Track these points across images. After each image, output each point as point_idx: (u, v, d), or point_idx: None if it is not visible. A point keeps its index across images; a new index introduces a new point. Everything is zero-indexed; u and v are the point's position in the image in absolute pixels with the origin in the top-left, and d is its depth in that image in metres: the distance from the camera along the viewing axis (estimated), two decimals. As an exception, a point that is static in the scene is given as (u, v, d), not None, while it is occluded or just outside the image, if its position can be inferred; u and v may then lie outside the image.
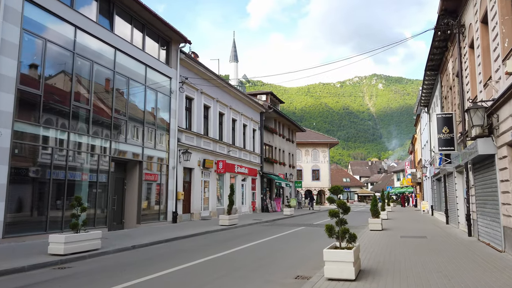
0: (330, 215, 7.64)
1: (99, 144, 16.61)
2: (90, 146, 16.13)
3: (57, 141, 14.48)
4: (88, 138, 15.96)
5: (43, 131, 13.90)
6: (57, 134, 14.49)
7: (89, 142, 16.04)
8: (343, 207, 7.55)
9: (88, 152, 16.03)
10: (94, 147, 16.33)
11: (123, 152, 18.09)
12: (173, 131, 21.97)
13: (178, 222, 21.71)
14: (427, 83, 23.90)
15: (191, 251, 11.78)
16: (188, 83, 23.80)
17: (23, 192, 13.34)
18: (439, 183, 26.52)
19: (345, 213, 7.62)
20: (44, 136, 13.99)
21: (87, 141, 15.96)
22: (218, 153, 27.61)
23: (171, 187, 21.50)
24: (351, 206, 51.96)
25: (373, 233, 16.20)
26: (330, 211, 7.66)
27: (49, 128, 14.17)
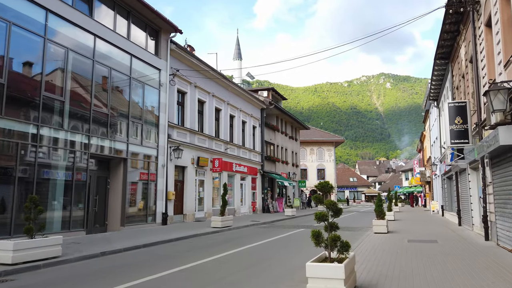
0: (316, 219, 6.08)
1: (77, 139, 15.15)
2: (66, 142, 14.65)
3: (26, 135, 13.03)
4: (63, 132, 14.49)
5: (6, 124, 12.44)
6: (25, 128, 13.04)
7: (64, 137, 14.57)
8: (333, 208, 5.98)
9: (63, 148, 14.56)
10: (70, 142, 14.84)
11: (105, 149, 16.62)
12: (163, 126, 20.48)
13: (168, 224, 20.22)
14: (437, 74, 22.18)
15: (167, 259, 10.26)
16: (180, 76, 22.31)
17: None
18: (450, 181, 24.80)
19: (336, 215, 6.06)
20: (9, 130, 12.54)
21: (62, 136, 14.50)
22: (214, 150, 26.10)
23: (160, 187, 20.01)
24: (358, 206, 50.65)
25: (377, 236, 14.57)
26: (316, 213, 6.10)
27: (15, 121, 12.71)
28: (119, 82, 17.79)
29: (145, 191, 19.20)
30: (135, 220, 18.44)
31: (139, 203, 18.89)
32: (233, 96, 29.76)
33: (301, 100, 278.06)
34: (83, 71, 15.83)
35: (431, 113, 34.80)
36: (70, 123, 14.83)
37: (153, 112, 20.06)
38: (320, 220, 6.00)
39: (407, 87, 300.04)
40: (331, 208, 5.95)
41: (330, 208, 5.96)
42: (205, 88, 25.25)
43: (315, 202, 6.27)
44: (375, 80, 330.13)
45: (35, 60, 13.71)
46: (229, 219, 19.43)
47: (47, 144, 13.87)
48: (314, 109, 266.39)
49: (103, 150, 16.52)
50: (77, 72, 15.53)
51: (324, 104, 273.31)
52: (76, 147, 15.10)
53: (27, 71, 13.61)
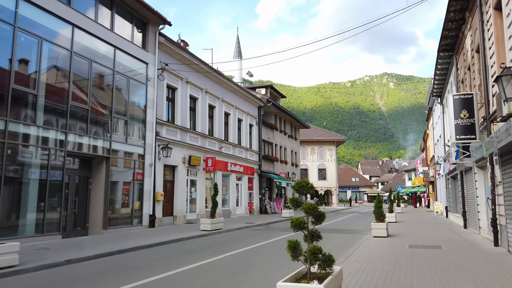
0: (292, 227, 4.95)
1: (51, 135, 14.05)
2: (38, 138, 13.55)
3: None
4: (35, 128, 13.41)
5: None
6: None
7: (36, 133, 13.47)
8: (313, 213, 4.85)
9: (35, 145, 13.47)
10: (43, 139, 13.74)
11: (84, 146, 15.53)
12: (150, 123, 19.39)
13: (156, 227, 19.12)
14: (440, 68, 20.99)
15: (135, 269, 9.14)
16: (170, 71, 21.20)
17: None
18: (455, 181, 23.59)
19: (318, 222, 4.93)
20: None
21: (34, 132, 13.41)
22: (208, 149, 24.98)
23: (147, 187, 18.91)
24: (360, 207, 49.13)
25: (375, 240, 13.41)
26: (292, 220, 4.97)
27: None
28: (100, 76, 16.69)
29: (130, 191, 18.10)
30: (120, 223, 17.34)
31: (124, 204, 17.79)
32: (228, 93, 28.64)
33: (304, 100, 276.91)
34: (60, 63, 14.75)
35: (434, 111, 33.56)
36: (44, 118, 13.74)
37: (139, 108, 18.97)
38: (296, 229, 4.86)
39: (411, 87, 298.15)
40: (310, 213, 4.81)
41: (309, 213, 4.82)
42: (197, 84, 24.14)
43: (292, 204, 5.13)
44: (378, 80, 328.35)
45: (3, 50, 12.62)
46: (220, 221, 18.30)
47: (16, 140, 12.77)
48: (317, 109, 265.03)
49: (82, 148, 15.43)
50: (53, 64, 14.45)
51: (327, 104, 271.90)
52: (50, 144, 13.98)
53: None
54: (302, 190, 4.99)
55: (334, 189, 60.03)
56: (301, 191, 4.99)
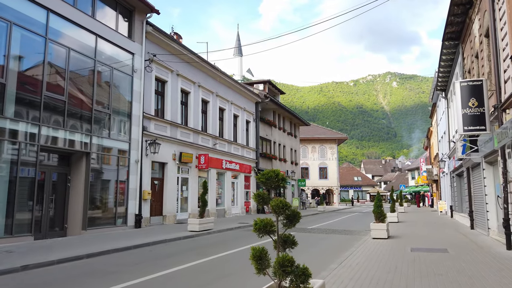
0: (256, 230, 3.79)
1: (20, 128, 12.91)
2: (4, 131, 12.42)
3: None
4: (3, 120, 12.28)
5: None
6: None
7: (4, 126, 12.35)
8: (284, 212, 3.69)
9: (3, 138, 12.35)
10: (11, 132, 12.61)
11: (61, 141, 14.41)
12: (137, 117, 18.25)
13: (142, 227, 18.01)
14: (445, 59, 19.77)
15: (98, 275, 8.01)
16: (159, 62, 20.07)
17: None
18: (460, 179, 22.37)
19: (291, 224, 3.76)
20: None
21: (2, 125, 12.28)
22: (201, 146, 23.84)
23: (133, 185, 17.78)
24: (362, 206, 47.62)
25: (374, 243, 12.22)
26: (256, 222, 3.81)
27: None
28: (80, 66, 15.56)
29: (114, 189, 16.97)
30: (102, 223, 16.22)
31: (106, 203, 16.67)
32: (223, 88, 27.48)
33: (307, 99, 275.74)
34: (32, 50, 13.62)
35: (438, 107, 32.31)
36: (12, 110, 12.61)
37: (124, 101, 17.84)
38: (262, 233, 3.70)
39: (414, 86, 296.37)
40: (280, 212, 3.65)
41: (279, 212, 3.66)
42: (189, 77, 22.99)
43: (257, 202, 3.97)
44: (381, 79, 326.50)
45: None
46: (209, 221, 17.17)
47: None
48: (320, 108, 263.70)
49: (58, 142, 14.29)
50: (25, 50, 13.32)
51: (330, 104, 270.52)
52: (20, 138, 12.85)
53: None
54: (269, 182, 3.84)
55: (336, 188, 58.76)
56: (268, 184, 3.83)
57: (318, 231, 17.63)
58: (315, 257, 10.03)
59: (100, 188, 16.34)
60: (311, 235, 15.97)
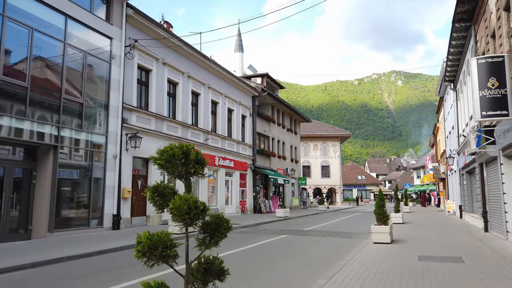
0: (142, 255, 2.12)
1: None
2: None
3: None
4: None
5: None
6: None
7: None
8: (196, 217, 2.03)
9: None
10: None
11: (24, 132, 12.79)
12: (115, 108, 16.62)
13: (122, 228, 16.41)
14: (455, 44, 18.02)
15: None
16: (142, 49, 18.44)
17: None
18: (471, 176, 20.60)
19: (211, 242, 2.10)
20: None
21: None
22: (190, 141, 22.17)
23: (110, 182, 16.16)
24: (366, 206, 45.35)
25: (376, 248, 10.50)
26: (140, 238, 2.13)
27: None
28: (46, 49, 13.93)
29: (87, 187, 15.33)
30: (73, 225, 14.61)
31: (78, 203, 15.05)
32: (216, 80, 25.81)
33: (311, 98, 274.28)
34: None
35: (445, 101, 30.50)
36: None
37: (101, 90, 16.21)
38: (153, 259, 2.05)
39: (419, 85, 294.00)
40: (188, 219, 2.00)
41: (187, 220, 2.01)
42: (177, 66, 21.34)
43: (152, 201, 2.33)
44: (386, 78, 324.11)
45: None
46: (193, 222, 15.50)
47: None
48: (324, 107, 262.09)
49: (20, 134, 12.67)
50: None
51: (334, 103, 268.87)
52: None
53: None
54: (171, 166, 2.19)
55: (338, 187, 56.97)
56: (170, 169, 2.19)
57: (315, 233, 15.94)
58: (302, 268, 8.35)
59: (71, 186, 14.72)
60: (306, 238, 14.29)
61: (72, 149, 14.72)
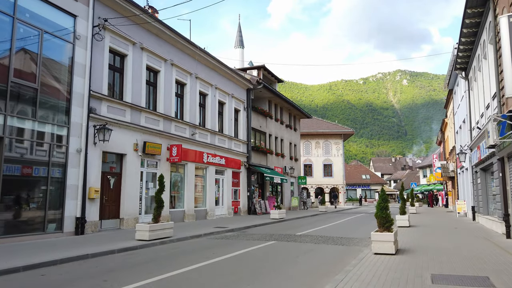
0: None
1: None
2: None
3: None
4: None
5: None
6: None
7: None
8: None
9: None
10: None
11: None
12: (79, 96, 14.54)
13: (88, 233, 14.34)
14: (469, 23, 15.83)
15: None
16: (115, 31, 16.38)
17: None
18: (486, 173, 18.37)
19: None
20: None
21: None
22: (174, 135, 20.08)
23: (73, 180, 14.08)
24: (370, 206, 42.63)
25: (375, 263, 8.31)
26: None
27: None
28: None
29: (43, 186, 13.25)
30: (24, 230, 12.56)
31: (32, 204, 12.98)
32: (205, 69, 23.70)
33: (316, 98, 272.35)
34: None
35: (455, 93, 28.24)
36: None
37: (62, 75, 14.14)
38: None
39: (425, 84, 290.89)
40: None
41: None
42: (159, 53, 19.26)
43: None
44: (392, 77, 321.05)
45: None
46: (166, 227, 13.40)
47: None
48: (329, 107, 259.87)
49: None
50: None
51: (339, 102, 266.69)
52: None
53: None
54: None
55: (341, 187, 54.68)
56: None
57: (307, 239, 13.78)
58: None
59: (21, 184, 12.65)
60: (295, 245, 12.13)
61: (24, 142, 12.66)
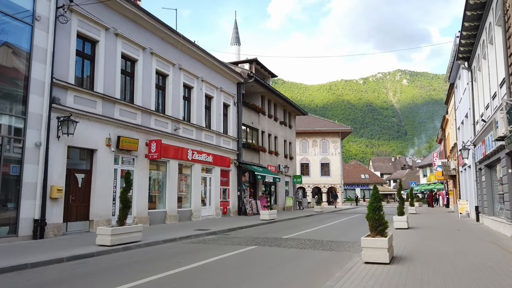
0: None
1: None
2: None
3: None
4: None
5: None
6: None
7: None
8: None
9: None
10: None
11: None
12: (39, 84, 13.03)
13: (49, 237, 12.85)
14: (473, 4, 14.33)
15: None
16: (84, 14, 14.88)
17: None
18: (491, 170, 16.88)
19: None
20: None
21: None
22: (154, 130, 18.57)
23: (30, 178, 12.57)
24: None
25: (366, 274, 6.79)
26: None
27: None
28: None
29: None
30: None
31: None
32: (190, 60, 22.19)
33: (315, 97, 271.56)
34: None
35: (456, 87, 26.74)
36: None
37: (18, 60, 12.63)
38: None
39: (425, 84, 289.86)
40: None
41: None
42: (136, 40, 17.77)
43: None
44: (391, 77, 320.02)
45: None
46: (133, 230, 11.90)
47: None
48: (328, 106, 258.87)
49: None
50: None
51: (339, 102, 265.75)
52: None
53: None
54: None
55: (339, 186, 53.12)
56: None
57: (293, 243, 12.27)
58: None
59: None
60: (277, 251, 10.63)
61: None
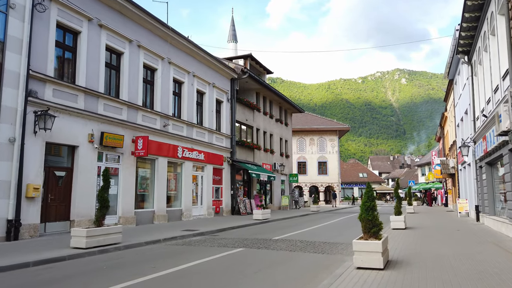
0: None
1: None
2: None
3: None
4: None
5: None
6: None
7: None
8: None
9: None
10: None
11: None
12: (14, 75, 12.25)
13: (25, 238, 12.10)
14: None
15: None
16: (64, 3, 14.10)
17: None
18: (492, 168, 16.16)
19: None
20: None
21: None
22: (141, 126, 17.81)
23: (2, 176, 11.81)
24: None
25: (355, 282, 6.04)
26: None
27: None
28: None
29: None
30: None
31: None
32: (181, 54, 21.41)
33: (314, 97, 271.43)
34: None
35: (456, 83, 26.00)
36: None
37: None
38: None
39: (423, 83, 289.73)
40: None
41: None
42: (122, 32, 16.99)
43: None
44: (390, 76, 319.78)
45: None
46: (112, 231, 11.14)
47: None
48: (327, 105, 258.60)
49: None
50: None
51: (338, 101, 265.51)
52: None
53: None
54: None
55: (337, 185, 52.37)
56: None
57: (284, 245, 11.53)
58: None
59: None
60: (265, 254, 9.89)
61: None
